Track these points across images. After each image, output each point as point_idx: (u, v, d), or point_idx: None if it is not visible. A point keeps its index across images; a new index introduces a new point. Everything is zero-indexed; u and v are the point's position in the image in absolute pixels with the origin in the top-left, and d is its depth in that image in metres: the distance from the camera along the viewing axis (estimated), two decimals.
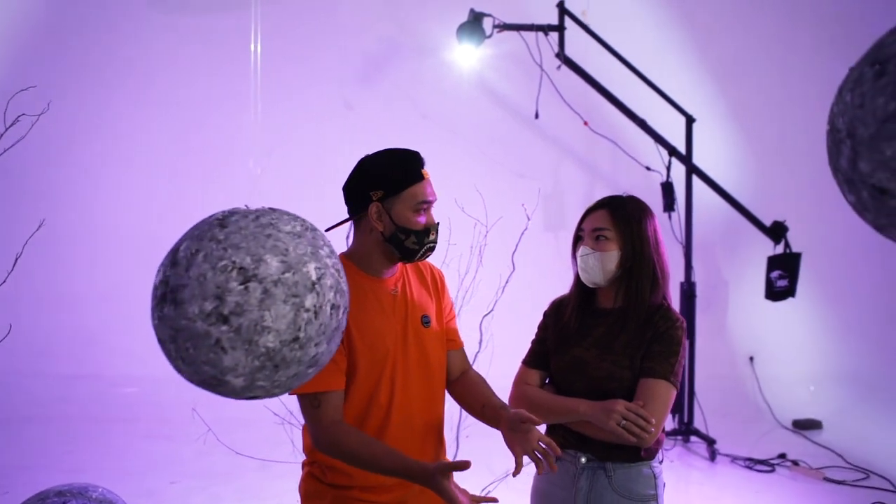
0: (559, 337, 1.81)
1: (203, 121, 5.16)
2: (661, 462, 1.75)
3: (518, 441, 1.51)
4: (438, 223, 1.64)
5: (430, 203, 1.61)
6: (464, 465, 1.42)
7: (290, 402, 2.88)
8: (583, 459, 1.71)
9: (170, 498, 3.61)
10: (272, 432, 3.32)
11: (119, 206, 5.10)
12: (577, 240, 1.80)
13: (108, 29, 5.11)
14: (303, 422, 1.66)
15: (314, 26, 5.12)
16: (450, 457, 1.87)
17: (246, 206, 1.19)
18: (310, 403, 1.53)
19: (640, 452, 1.69)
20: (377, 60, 5.18)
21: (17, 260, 1.97)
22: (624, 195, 1.83)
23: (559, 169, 5.16)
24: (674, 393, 1.67)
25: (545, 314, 1.91)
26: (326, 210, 1.80)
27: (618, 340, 1.72)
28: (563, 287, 1.83)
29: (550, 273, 4.66)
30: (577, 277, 1.82)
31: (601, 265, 1.72)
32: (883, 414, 4.62)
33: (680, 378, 1.71)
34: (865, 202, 0.79)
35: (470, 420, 2.54)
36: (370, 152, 1.64)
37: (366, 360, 1.58)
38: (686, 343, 1.77)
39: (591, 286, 1.77)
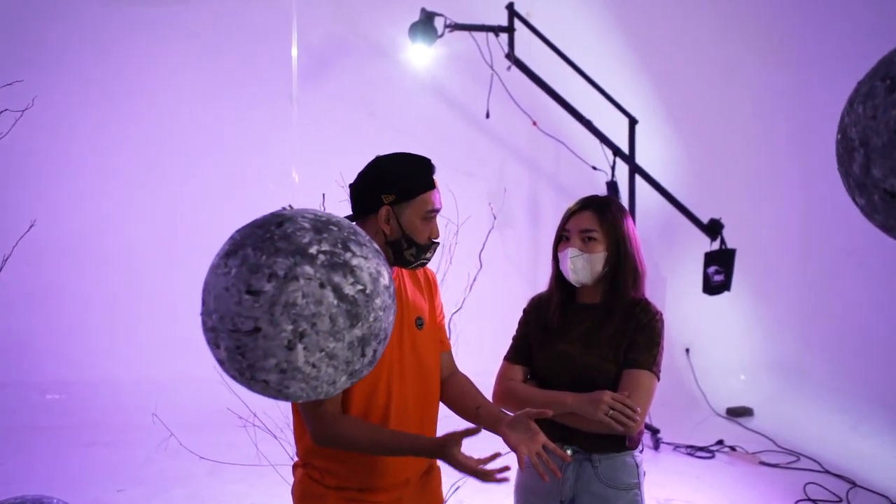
0: (542, 333, 1.86)
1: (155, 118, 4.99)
2: (641, 451, 1.84)
3: (523, 441, 1.52)
4: (438, 241, 1.65)
5: (437, 211, 1.63)
6: (474, 431, 1.47)
7: (253, 403, 2.85)
8: (569, 451, 1.77)
9: None
10: (231, 435, 3.26)
11: (54, 208, 4.87)
12: (561, 239, 1.86)
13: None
14: (292, 426, 1.66)
15: (265, 23, 5.03)
16: None
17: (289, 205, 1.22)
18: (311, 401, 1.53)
19: (624, 442, 1.77)
20: (327, 58, 5.14)
21: None
22: (601, 195, 1.90)
23: (504, 167, 5.25)
24: (656, 383, 1.76)
25: (525, 311, 1.96)
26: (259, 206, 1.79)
27: (601, 334, 1.79)
28: (513, 284, 1.88)
29: (500, 270, 4.77)
30: (557, 275, 1.88)
31: (590, 266, 1.79)
32: (809, 400, 4.92)
33: (661, 369, 1.79)
34: (876, 205, 0.87)
35: (443, 411, 2.58)
36: (384, 153, 1.64)
37: None
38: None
39: (577, 285, 1.83)
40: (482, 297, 2.97)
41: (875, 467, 3.88)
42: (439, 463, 1.82)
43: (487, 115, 4.44)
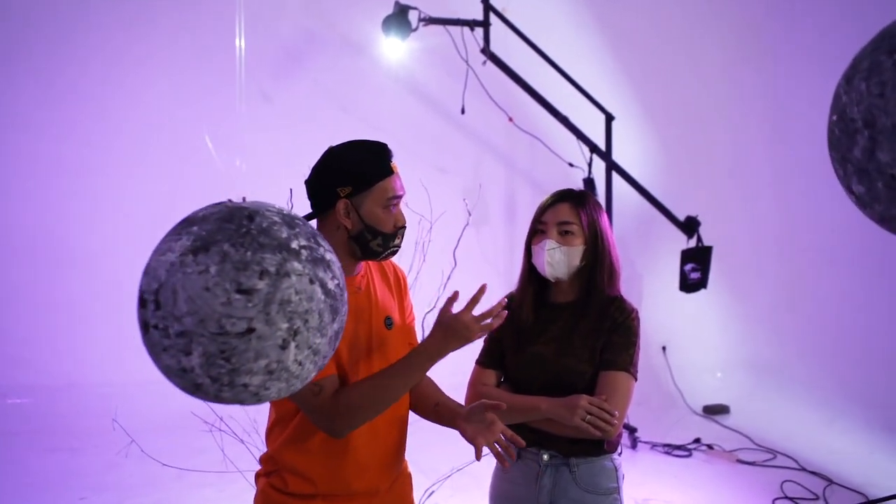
0: (515, 334, 1.78)
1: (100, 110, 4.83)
2: (620, 454, 1.77)
3: (480, 432, 1.50)
4: (405, 226, 1.58)
5: (399, 198, 1.55)
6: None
7: (219, 407, 2.74)
8: (545, 457, 1.70)
9: None
10: (197, 440, 3.15)
11: (12, 207, 4.68)
12: (536, 233, 1.78)
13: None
14: (262, 429, 1.58)
15: (229, 16, 4.90)
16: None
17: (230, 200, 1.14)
18: (310, 392, 1.44)
19: (602, 445, 1.70)
20: (298, 52, 5.02)
21: None
22: (578, 189, 1.83)
23: (480, 164, 5.18)
24: (633, 384, 1.70)
25: None
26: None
27: (576, 334, 1.72)
28: (489, 282, 1.81)
29: (475, 269, 4.69)
30: (529, 272, 1.80)
31: (568, 259, 1.72)
32: (785, 397, 4.92)
33: (637, 369, 1.73)
34: (877, 193, 0.80)
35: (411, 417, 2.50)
36: (337, 144, 1.56)
37: (335, 362, 1.51)
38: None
39: (551, 280, 1.76)
40: (445, 295, 2.89)
41: (851, 464, 3.88)
42: (411, 469, 1.75)
43: (463, 111, 4.37)
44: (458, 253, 2.47)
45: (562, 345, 1.71)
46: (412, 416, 1.70)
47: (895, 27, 0.79)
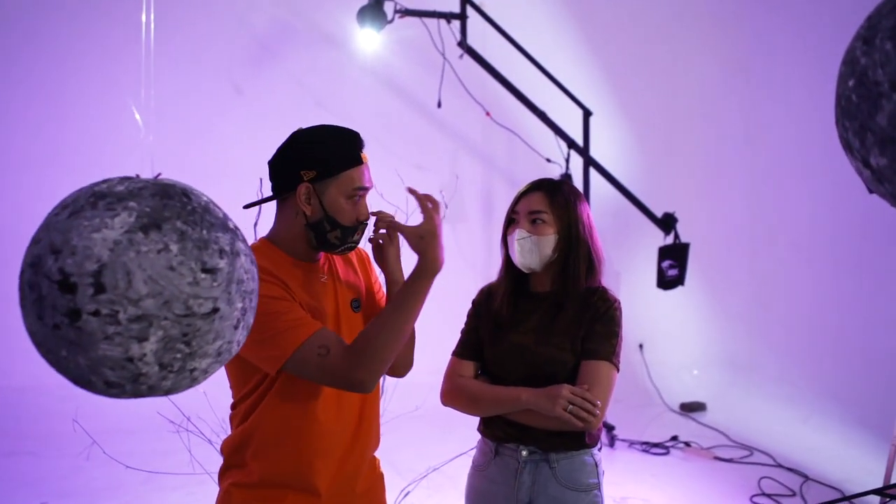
0: (493, 325, 1.73)
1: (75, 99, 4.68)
2: (600, 449, 1.72)
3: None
4: (367, 222, 1.50)
5: (366, 190, 1.48)
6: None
7: (186, 407, 2.64)
8: (524, 452, 1.64)
9: None
10: (163, 442, 3.04)
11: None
12: (510, 223, 1.73)
13: None
14: (229, 426, 1.50)
15: (205, 6, 4.78)
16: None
17: (137, 175, 1.06)
18: (318, 356, 1.35)
19: (584, 440, 1.65)
20: (270, 43, 4.91)
21: None
22: (556, 178, 1.79)
23: (456, 159, 5.12)
24: (616, 374, 1.65)
25: (475, 303, 1.82)
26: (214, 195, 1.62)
27: (556, 324, 1.67)
28: (466, 278, 1.77)
29: (452, 265, 4.63)
30: (507, 262, 1.75)
31: (538, 249, 1.66)
32: (760, 394, 4.94)
33: (620, 359, 1.68)
34: None
35: (395, 411, 2.43)
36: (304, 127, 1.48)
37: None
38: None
39: (526, 271, 1.71)
40: (433, 291, 2.82)
41: (826, 460, 3.88)
42: (383, 469, 1.68)
43: (439, 105, 4.31)
44: None
45: (541, 334, 1.67)
46: (391, 420, 1.63)
47: None
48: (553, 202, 1.68)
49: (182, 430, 2.61)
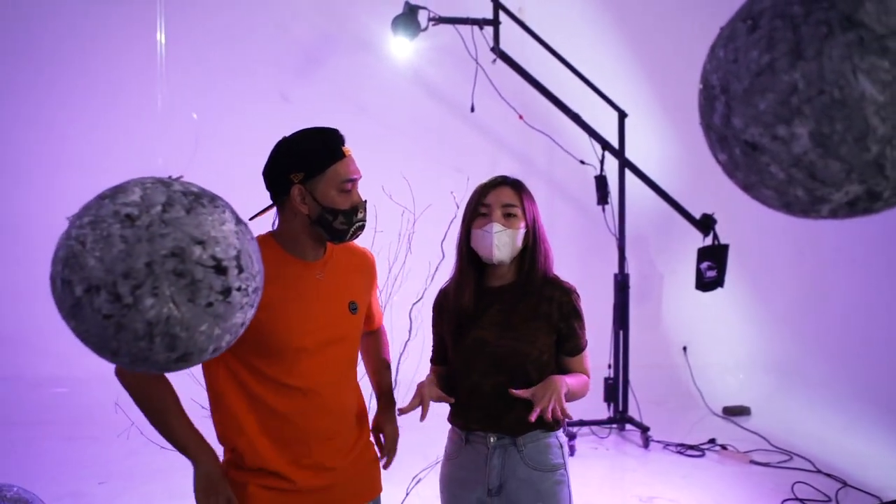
0: (456, 322, 1.78)
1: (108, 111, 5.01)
2: (563, 430, 1.82)
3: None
4: (366, 200, 1.61)
5: (354, 181, 1.58)
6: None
7: None
8: (492, 439, 1.72)
9: (97, 499, 3.50)
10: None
11: (31, 200, 4.88)
12: (477, 215, 1.77)
13: None
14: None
15: (249, 18, 5.04)
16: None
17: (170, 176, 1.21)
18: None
19: (550, 423, 1.72)
20: (312, 53, 5.12)
21: None
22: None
23: (495, 162, 5.20)
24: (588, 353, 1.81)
25: (435, 308, 1.88)
26: (254, 202, 1.75)
27: (515, 316, 1.74)
28: None
29: None
30: (465, 257, 1.79)
31: (512, 242, 1.74)
32: (804, 399, 4.80)
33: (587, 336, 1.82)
34: (737, 160, 0.81)
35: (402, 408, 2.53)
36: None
37: (281, 345, 1.54)
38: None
39: (495, 263, 1.76)
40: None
41: (868, 467, 3.77)
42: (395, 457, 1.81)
43: (472, 109, 4.40)
44: (445, 245, 2.49)
45: (501, 328, 1.73)
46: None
47: None
48: (521, 197, 1.77)
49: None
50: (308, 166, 1.54)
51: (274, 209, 1.64)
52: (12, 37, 4.91)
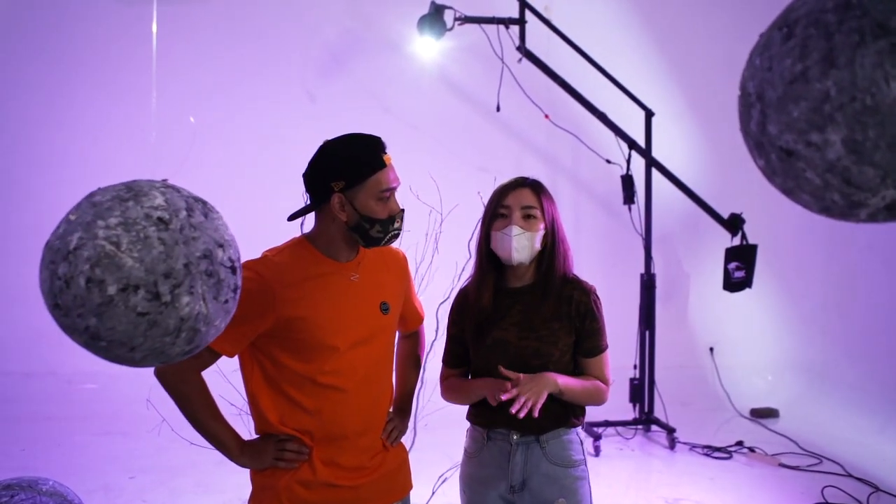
0: (475, 324, 1.79)
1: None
2: (583, 427, 1.84)
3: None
4: (403, 210, 1.62)
5: (393, 190, 1.59)
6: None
7: (244, 391, 2.86)
8: (515, 437, 1.74)
9: (128, 493, 3.57)
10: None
11: (60, 201, 4.98)
12: (497, 217, 1.78)
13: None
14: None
15: (274, 19, 5.08)
16: (407, 445, 1.88)
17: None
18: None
19: (571, 420, 1.77)
20: (338, 53, 5.16)
21: None
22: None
23: (521, 161, 5.19)
24: (608, 353, 1.82)
25: (454, 308, 1.89)
26: (282, 200, 1.78)
27: (537, 317, 1.75)
28: None
29: None
30: (485, 258, 1.80)
31: (531, 244, 1.75)
32: (835, 402, 4.73)
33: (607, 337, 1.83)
34: (774, 165, 0.81)
35: (429, 409, 2.55)
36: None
37: (314, 343, 1.57)
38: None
39: (514, 264, 1.77)
40: None
41: None
42: (424, 454, 1.83)
43: (498, 108, 4.40)
44: (472, 245, 2.50)
45: (523, 329, 1.75)
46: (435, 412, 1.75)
47: (794, 2, 0.80)
48: (540, 198, 1.78)
49: (243, 413, 2.82)
50: (349, 175, 1.54)
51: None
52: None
